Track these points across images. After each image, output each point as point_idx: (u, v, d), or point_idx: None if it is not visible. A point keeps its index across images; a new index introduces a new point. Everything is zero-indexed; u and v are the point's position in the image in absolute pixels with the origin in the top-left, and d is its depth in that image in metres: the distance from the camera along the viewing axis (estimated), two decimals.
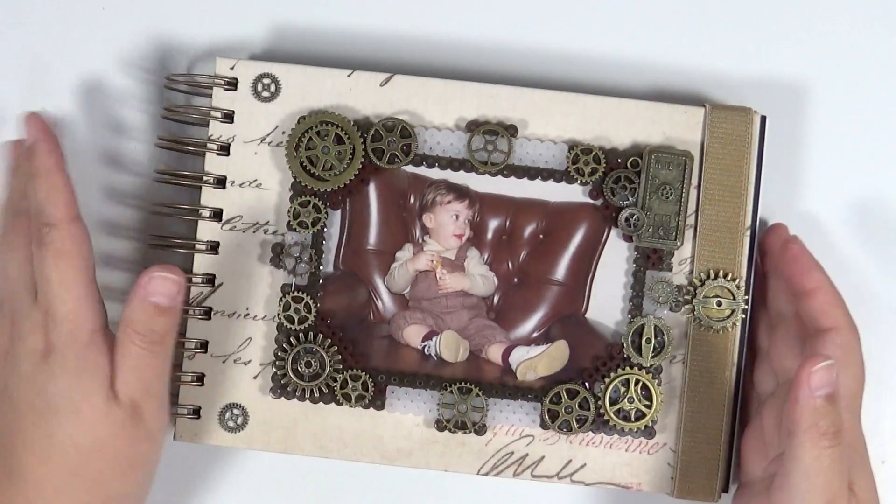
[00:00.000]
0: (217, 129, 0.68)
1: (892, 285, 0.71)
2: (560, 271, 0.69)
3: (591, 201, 0.68)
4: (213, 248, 0.68)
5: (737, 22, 0.72)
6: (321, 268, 0.68)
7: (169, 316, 0.62)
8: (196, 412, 0.68)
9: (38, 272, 0.63)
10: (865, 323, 0.66)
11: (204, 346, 0.68)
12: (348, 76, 0.68)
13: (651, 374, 0.68)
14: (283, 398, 0.68)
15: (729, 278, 0.67)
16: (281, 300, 0.68)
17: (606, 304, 0.69)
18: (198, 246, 0.68)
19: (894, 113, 0.72)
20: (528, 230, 0.69)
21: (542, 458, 0.68)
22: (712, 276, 0.67)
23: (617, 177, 0.67)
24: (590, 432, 0.68)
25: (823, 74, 0.71)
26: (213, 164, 0.68)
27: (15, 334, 0.63)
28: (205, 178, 0.68)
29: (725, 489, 0.68)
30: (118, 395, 0.61)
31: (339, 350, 0.68)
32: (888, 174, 0.72)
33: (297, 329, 0.68)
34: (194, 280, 0.68)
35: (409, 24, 0.72)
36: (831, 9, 0.72)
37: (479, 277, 0.69)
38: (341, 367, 0.68)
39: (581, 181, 0.68)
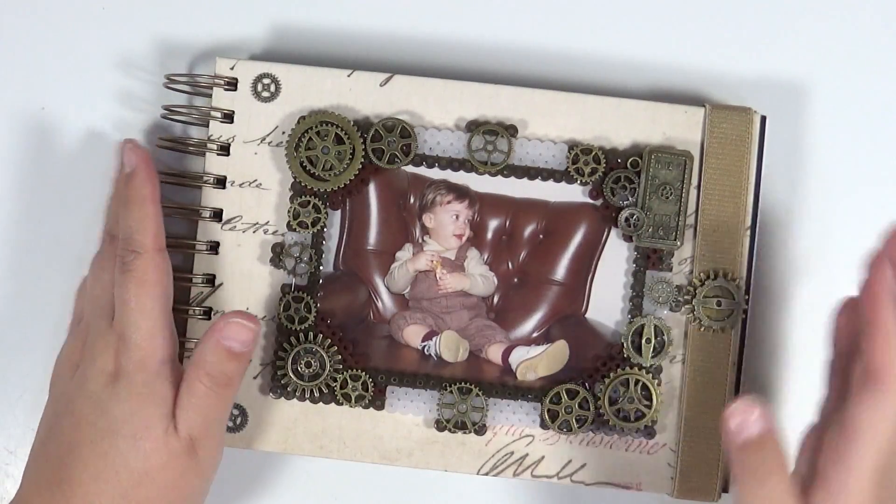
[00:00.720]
0: (217, 130, 0.68)
1: None
2: (560, 271, 0.69)
3: (591, 201, 0.68)
4: (213, 248, 0.68)
5: (737, 22, 0.72)
6: (321, 268, 0.68)
7: (240, 361, 0.63)
8: None
9: (117, 296, 0.63)
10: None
11: None
12: (348, 76, 0.68)
13: (651, 374, 0.68)
14: (282, 398, 0.68)
15: (729, 278, 0.67)
16: (281, 300, 0.68)
17: (606, 304, 0.69)
18: (198, 246, 0.68)
19: (894, 112, 0.72)
20: (528, 230, 0.69)
21: (542, 458, 0.68)
22: (712, 276, 0.67)
23: (617, 177, 0.67)
24: (590, 432, 0.68)
25: (823, 74, 0.71)
26: (213, 164, 0.68)
27: (87, 352, 0.63)
28: (205, 178, 0.68)
29: (725, 489, 0.68)
30: (178, 427, 0.62)
31: (339, 350, 0.68)
32: (888, 174, 0.71)
33: (297, 329, 0.68)
34: (194, 280, 0.68)
35: (409, 25, 0.72)
36: (831, 8, 0.72)
37: (479, 277, 0.69)
38: (341, 367, 0.68)
39: (581, 181, 0.68)
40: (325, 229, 0.68)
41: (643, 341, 0.67)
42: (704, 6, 0.72)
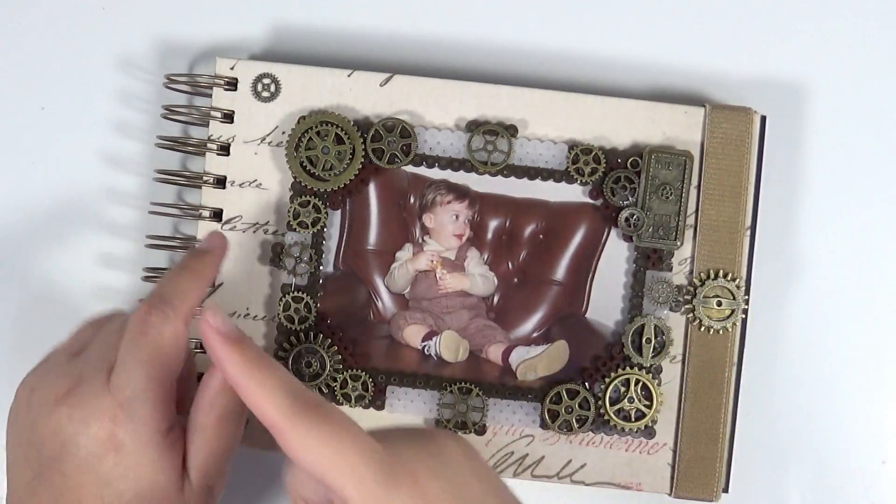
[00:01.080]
0: (217, 129, 0.68)
1: (891, 285, 0.71)
2: (560, 271, 0.69)
3: (591, 201, 0.68)
4: None
5: (737, 22, 0.72)
6: (321, 268, 0.68)
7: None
8: None
9: (125, 354, 0.58)
10: (865, 324, 0.66)
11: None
12: (348, 76, 0.68)
13: (651, 374, 0.68)
14: None
15: (729, 278, 0.67)
16: (281, 300, 0.68)
17: (606, 303, 0.69)
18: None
19: (894, 113, 0.72)
20: (528, 230, 0.69)
21: (542, 458, 0.68)
22: (712, 276, 0.67)
23: (617, 177, 0.67)
24: (590, 432, 0.68)
25: (823, 74, 0.71)
26: (213, 164, 0.68)
27: (77, 409, 0.58)
28: (205, 178, 0.68)
29: (725, 489, 0.68)
30: (193, 482, 0.59)
31: (339, 350, 0.68)
32: (888, 174, 0.71)
33: (297, 329, 0.68)
34: None
35: (409, 25, 0.72)
36: (831, 8, 0.72)
37: (479, 277, 0.69)
38: (341, 367, 0.68)
39: (581, 181, 0.68)
40: (325, 229, 0.68)
41: (643, 341, 0.67)
42: (705, 6, 0.72)
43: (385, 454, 0.52)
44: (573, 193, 0.68)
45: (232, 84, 0.68)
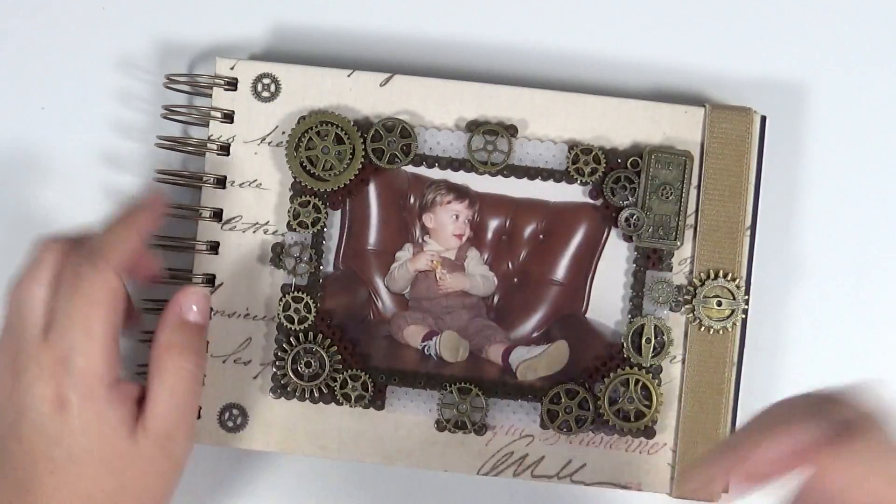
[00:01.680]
0: (217, 129, 0.68)
1: (891, 285, 0.71)
2: (560, 271, 0.69)
3: (591, 201, 0.68)
4: (214, 248, 0.68)
5: (737, 22, 0.72)
6: (321, 268, 0.68)
7: (202, 334, 0.62)
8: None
9: (62, 311, 0.58)
10: (864, 323, 0.66)
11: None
12: (348, 76, 0.68)
13: (651, 374, 0.68)
14: (282, 398, 0.68)
15: (729, 278, 0.67)
16: (281, 300, 0.68)
17: (606, 304, 0.69)
18: (198, 246, 0.68)
19: (894, 112, 0.72)
20: (528, 230, 0.69)
21: (542, 458, 0.68)
22: (712, 276, 0.67)
23: (617, 177, 0.67)
24: (590, 432, 0.68)
25: (823, 74, 0.71)
26: (213, 164, 0.68)
27: (20, 375, 0.59)
28: (205, 178, 0.68)
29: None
30: (149, 427, 0.59)
31: (339, 350, 0.68)
32: (888, 174, 0.71)
33: (297, 329, 0.68)
34: (194, 280, 0.68)
35: (409, 25, 0.72)
36: (831, 9, 0.72)
37: (479, 277, 0.69)
38: (341, 367, 0.68)
39: (581, 181, 0.68)
40: (325, 229, 0.68)
41: (643, 341, 0.67)
42: (705, 6, 0.72)
43: None
44: (573, 193, 0.68)
45: (232, 84, 0.68)
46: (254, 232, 0.68)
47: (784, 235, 0.71)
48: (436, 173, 0.68)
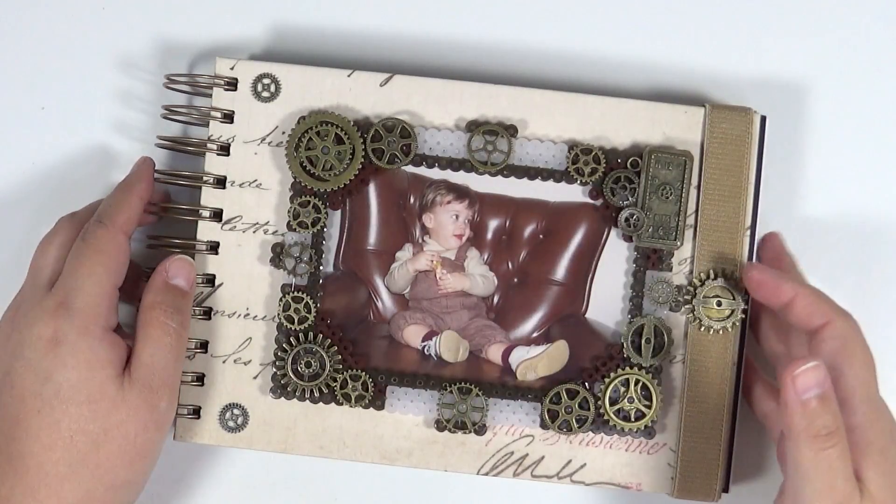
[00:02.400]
0: (217, 129, 0.68)
1: (892, 285, 0.71)
2: (560, 271, 0.69)
3: (591, 201, 0.68)
4: (214, 248, 0.68)
5: (737, 22, 0.72)
6: (321, 268, 0.68)
7: (188, 299, 0.65)
8: (196, 412, 0.68)
9: (69, 263, 0.63)
10: (865, 323, 0.66)
11: (204, 346, 0.68)
12: (348, 76, 0.68)
13: (651, 375, 0.68)
14: (282, 398, 0.68)
15: (729, 278, 0.67)
16: (281, 300, 0.68)
17: (606, 304, 0.69)
18: (198, 246, 0.68)
19: (893, 112, 0.72)
20: (528, 230, 0.69)
21: (542, 458, 0.68)
22: (712, 276, 0.67)
23: (617, 177, 0.67)
24: (590, 432, 0.68)
25: (823, 74, 0.71)
26: (213, 164, 0.68)
27: (21, 319, 0.63)
28: (205, 179, 0.68)
29: (726, 489, 0.68)
30: (134, 379, 0.62)
31: (339, 350, 0.68)
32: (888, 174, 0.71)
33: (297, 329, 0.68)
34: (195, 281, 0.68)
35: (408, 25, 0.72)
36: (831, 8, 0.72)
37: (478, 277, 0.69)
38: (341, 367, 0.68)
39: (581, 181, 0.68)
40: (325, 229, 0.68)
41: (643, 341, 0.67)
42: (704, 6, 0.72)
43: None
44: (573, 193, 0.68)
45: (232, 84, 0.68)
46: (254, 232, 0.68)
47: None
48: (436, 173, 0.68)
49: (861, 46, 0.72)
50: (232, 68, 0.68)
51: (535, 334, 0.69)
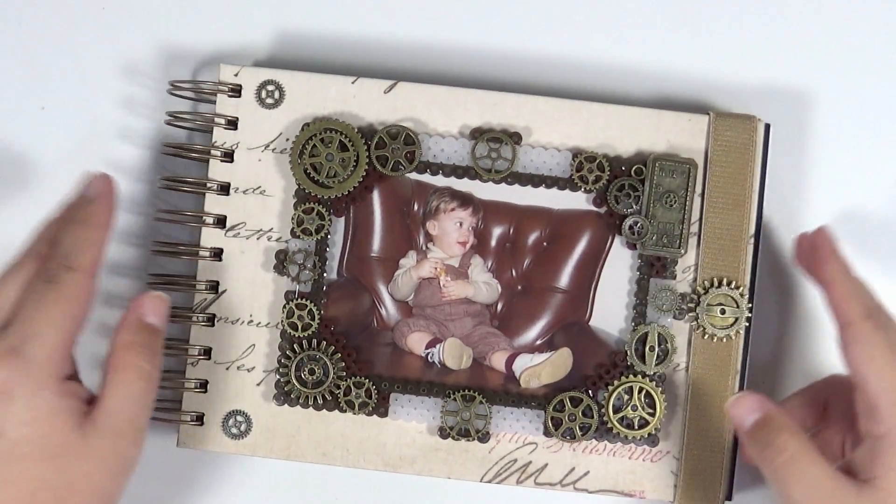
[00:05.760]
0: (221, 136, 0.68)
1: (894, 292, 0.71)
2: (564, 279, 0.69)
3: (595, 209, 0.68)
4: (217, 254, 0.68)
5: (741, 30, 0.72)
6: (325, 275, 0.68)
7: (160, 337, 0.61)
8: (199, 419, 0.68)
9: (28, 307, 0.58)
10: None
11: (207, 352, 0.68)
12: (352, 83, 0.68)
13: (654, 382, 0.67)
14: (286, 405, 0.68)
15: (733, 286, 0.67)
16: (284, 307, 0.68)
17: (610, 311, 0.69)
18: (201, 252, 0.68)
19: None
20: (532, 238, 0.69)
21: (546, 465, 0.68)
22: (716, 284, 0.67)
23: (621, 184, 0.67)
24: (593, 440, 0.68)
25: (828, 83, 0.71)
26: (217, 170, 0.68)
27: None
28: (208, 185, 0.68)
29: (729, 497, 0.68)
30: (101, 428, 0.58)
31: (343, 357, 0.68)
32: (892, 182, 0.71)
33: (301, 336, 0.68)
34: (198, 287, 0.68)
35: (413, 32, 0.72)
36: (836, 17, 0.72)
37: (482, 285, 0.69)
38: (345, 374, 0.68)
39: (585, 189, 0.68)
40: (328, 236, 0.68)
41: (647, 349, 0.67)
42: (709, 14, 0.72)
43: None
44: (577, 201, 0.68)
45: (236, 91, 0.68)
46: (257, 239, 0.68)
47: (788, 243, 0.71)
48: (440, 180, 0.68)
49: (865, 55, 0.72)
50: (236, 75, 0.68)
51: (538, 342, 0.69)
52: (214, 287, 0.68)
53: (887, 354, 0.59)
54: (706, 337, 0.67)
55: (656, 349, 0.67)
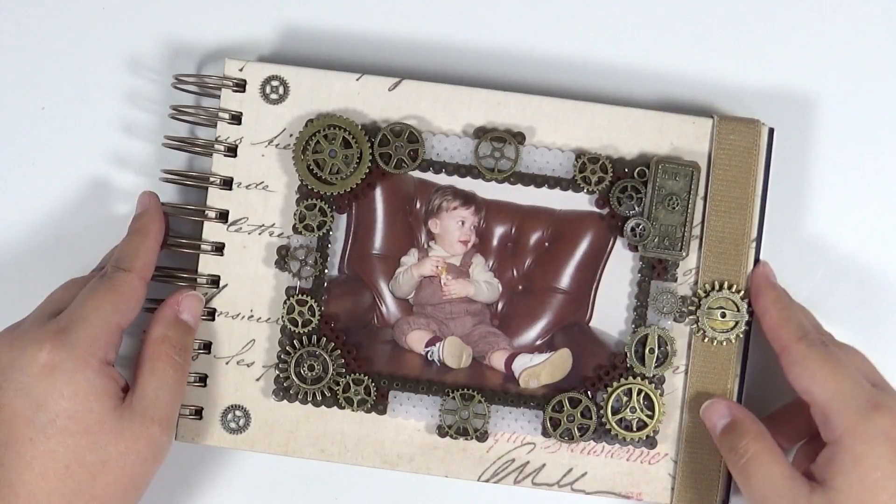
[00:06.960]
0: (224, 131, 0.68)
1: None
2: (565, 280, 0.69)
3: (598, 210, 0.68)
4: (219, 249, 0.68)
5: (745, 33, 0.72)
6: (326, 271, 0.68)
7: (193, 335, 0.66)
8: (198, 413, 0.68)
9: (79, 297, 0.63)
10: (869, 332, 0.67)
11: (207, 346, 0.68)
12: (357, 80, 0.68)
13: (654, 385, 0.68)
14: (285, 401, 0.68)
15: (733, 290, 0.67)
16: (285, 303, 0.68)
17: (610, 313, 0.69)
18: (203, 247, 0.68)
19: None
20: (534, 238, 0.69)
21: (543, 465, 0.68)
22: (717, 287, 0.67)
23: (624, 186, 0.67)
24: (591, 441, 0.68)
25: (831, 87, 0.71)
26: (220, 165, 0.68)
27: (17, 342, 0.61)
28: (211, 179, 0.68)
29: (726, 500, 0.68)
30: (135, 413, 0.61)
31: (343, 354, 0.68)
32: (895, 186, 0.71)
33: (301, 332, 0.68)
34: (199, 281, 0.68)
35: (418, 29, 0.71)
36: (840, 21, 0.72)
37: (483, 284, 0.69)
38: (344, 370, 0.68)
39: (588, 190, 0.68)
40: (330, 233, 0.68)
41: (646, 351, 0.67)
42: (714, 17, 0.72)
43: (873, 392, 0.61)
44: (579, 202, 0.68)
45: (240, 85, 0.68)
46: (259, 234, 0.68)
47: (789, 247, 0.71)
48: (443, 179, 0.68)
49: (869, 59, 0.72)
50: (241, 70, 0.68)
51: (538, 342, 0.69)
52: (215, 281, 0.68)
53: (825, 368, 0.62)
54: (706, 340, 0.67)
55: (656, 351, 0.67)
